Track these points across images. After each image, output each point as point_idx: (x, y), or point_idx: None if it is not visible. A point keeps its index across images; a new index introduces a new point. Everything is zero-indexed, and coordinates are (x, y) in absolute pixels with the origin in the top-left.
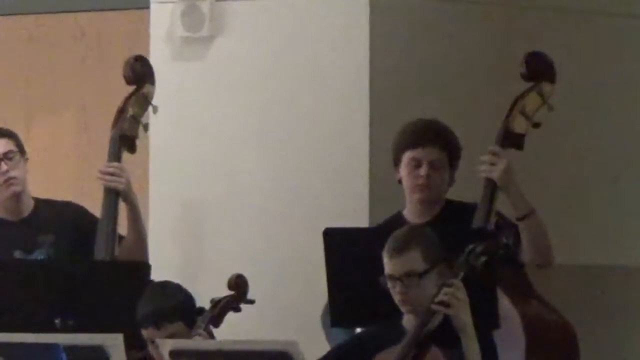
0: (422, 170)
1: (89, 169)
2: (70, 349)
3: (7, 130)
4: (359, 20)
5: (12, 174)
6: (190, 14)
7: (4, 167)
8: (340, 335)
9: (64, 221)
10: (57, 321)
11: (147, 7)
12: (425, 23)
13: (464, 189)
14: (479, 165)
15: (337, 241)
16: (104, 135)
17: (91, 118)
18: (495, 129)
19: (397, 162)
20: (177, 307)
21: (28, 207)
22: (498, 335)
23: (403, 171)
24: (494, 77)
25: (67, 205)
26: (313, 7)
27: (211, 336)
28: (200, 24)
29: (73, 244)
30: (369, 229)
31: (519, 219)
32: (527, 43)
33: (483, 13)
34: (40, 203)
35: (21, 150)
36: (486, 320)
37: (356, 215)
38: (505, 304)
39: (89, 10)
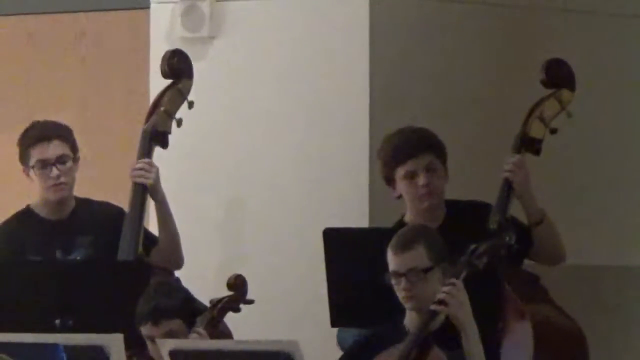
0: (421, 180)
1: (88, 169)
2: (70, 349)
3: (63, 130)
4: (359, 20)
5: (63, 179)
6: (190, 14)
7: (55, 172)
8: (350, 336)
9: (102, 222)
10: (57, 321)
11: (147, 7)
12: (425, 23)
13: (465, 190)
14: (504, 166)
15: (337, 241)
16: (104, 135)
17: (91, 118)
18: (495, 130)
19: (390, 181)
20: (176, 304)
21: (69, 207)
22: (507, 340)
23: (400, 186)
24: (494, 77)
25: (106, 206)
26: (313, 7)
27: (219, 336)
28: (200, 24)
29: (111, 245)
30: (369, 229)
31: (533, 225)
32: (527, 43)
33: (483, 13)
34: (80, 203)
35: (74, 151)
36: (487, 320)
37: (356, 215)
38: (526, 326)
39: (89, 10)
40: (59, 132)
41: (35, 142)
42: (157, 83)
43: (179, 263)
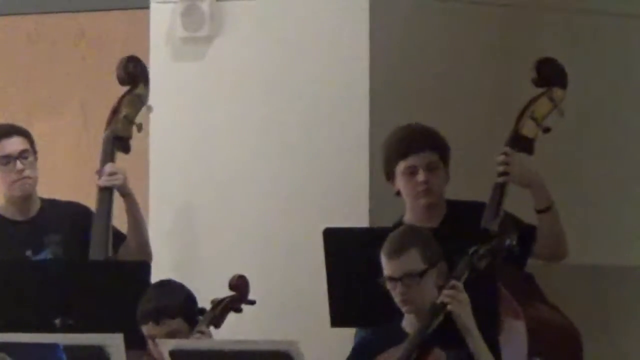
0: (420, 176)
1: (89, 169)
2: (70, 349)
3: (22, 129)
4: (359, 20)
5: (27, 173)
6: (190, 14)
7: (20, 166)
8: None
9: (70, 221)
10: (57, 321)
11: (147, 7)
12: (425, 23)
13: (465, 189)
14: (496, 167)
15: (337, 241)
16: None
17: (91, 118)
18: (494, 129)
19: (390, 175)
20: (178, 304)
21: (35, 207)
22: (502, 340)
23: (400, 182)
24: (494, 77)
25: (73, 206)
26: (313, 7)
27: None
28: (200, 24)
29: (79, 244)
30: (369, 229)
31: (540, 211)
32: (527, 43)
33: (483, 13)
34: (46, 203)
35: (34, 150)
36: (487, 321)
37: (356, 215)
38: (520, 325)
39: (89, 10)
40: (17, 130)
41: None
42: (157, 83)
43: (148, 259)
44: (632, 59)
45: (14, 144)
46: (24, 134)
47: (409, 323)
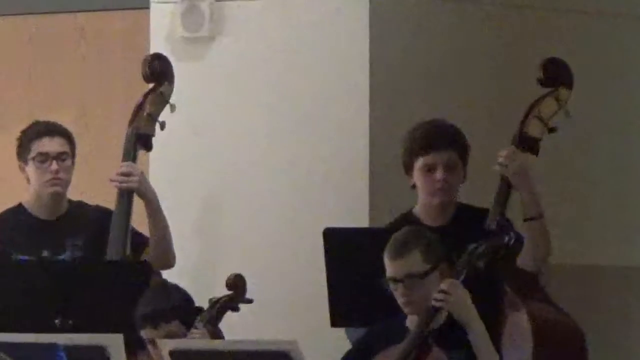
0: (439, 175)
1: (89, 169)
2: (70, 349)
3: (66, 131)
4: (359, 20)
5: (60, 175)
6: (190, 14)
7: (55, 166)
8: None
9: (93, 225)
10: (57, 321)
11: (147, 7)
12: (425, 23)
13: (466, 189)
14: (497, 165)
15: (337, 241)
16: (104, 135)
17: (91, 118)
18: (494, 129)
19: (409, 168)
20: (174, 307)
21: (62, 208)
22: (505, 335)
23: (417, 177)
24: (494, 76)
25: (99, 210)
26: (313, 7)
27: (217, 336)
28: (200, 24)
29: (101, 249)
30: (369, 229)
31: (525, 220)
32: (528, 43)
33: (483, 13)
34: (73, 205)
35: (73, 154)
36: (488, 319)
37: (356, 215)
38: (522, 317)
39: (89, 10)
40: (63, 131)
41: (38, 136)
42: None
43: (169, 262)
44: (633, 59)
45: (55, 144)
46: (68, 136)
47: (412, 322)
